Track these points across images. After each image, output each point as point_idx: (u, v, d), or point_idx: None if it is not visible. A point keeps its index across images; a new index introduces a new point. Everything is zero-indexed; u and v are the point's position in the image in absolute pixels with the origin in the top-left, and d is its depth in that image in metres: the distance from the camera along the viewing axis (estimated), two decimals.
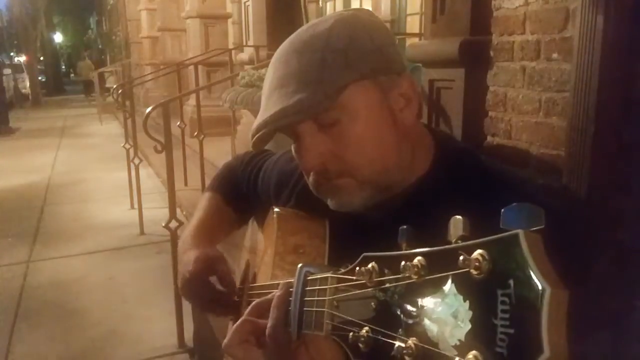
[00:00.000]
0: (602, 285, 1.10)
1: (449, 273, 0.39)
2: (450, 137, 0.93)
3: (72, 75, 33.34)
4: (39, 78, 21.62)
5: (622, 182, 1.12)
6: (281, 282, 0.67)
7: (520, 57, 1.39)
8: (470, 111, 1.61)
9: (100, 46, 33.14)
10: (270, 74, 0.75)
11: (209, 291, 0.95)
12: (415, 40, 3.73)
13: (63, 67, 37.64)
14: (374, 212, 0.76)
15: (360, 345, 0.49)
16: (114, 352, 2.58)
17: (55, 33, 35.14)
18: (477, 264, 0.36)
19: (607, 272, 1.12)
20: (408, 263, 0.43)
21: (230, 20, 8.26)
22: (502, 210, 0.37)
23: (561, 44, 1.25)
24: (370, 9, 5.65)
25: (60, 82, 28.59)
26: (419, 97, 0.77)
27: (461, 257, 0.38)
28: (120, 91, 5.07)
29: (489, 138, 1.53)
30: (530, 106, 1.36)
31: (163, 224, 2.51)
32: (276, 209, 0.88)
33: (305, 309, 0.61)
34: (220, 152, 4.75)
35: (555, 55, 1.27)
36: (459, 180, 0.74)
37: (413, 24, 5.30)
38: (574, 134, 1.15)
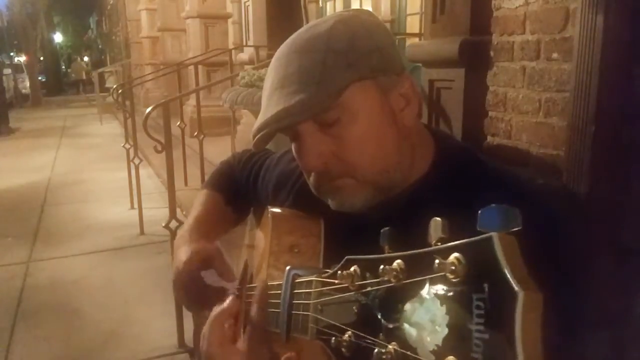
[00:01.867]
0: (602, 285, 1.10)
1: (426, 277, 0.39)
2: (450, 136, 0.93)
3: (72, 75, 33.62)
4: (39, 78, 21.68)
5: (622, 182, 1.12)
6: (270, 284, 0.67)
7: (520, 57, 1.39)
8: (470, 111, 1.61)
9: (100, 46, 33.16)
10: (270, 75, 0.75)
11: (198, 286, 0.94)
12: (415, 40, 3.74)
13: (63, 67, 37.65)
14: (374, 212, 0.76)
15: (343, 349, 0.48)
16: (113, 353, 2.57)
17: (55, 33, 35.13)
18: (452, 267, 0.36)
19: (606, 271, 1.12)
20: (387, 267, 0.43)
21: (230, 20, 8.27)
22: (479, 211, 0.36)
23: (561, 44, 1.25)
24: (370, 9, 5.66)
25: (60, 81, 28.67)
26: (419, 97, 0.77)
27: (437, 261, 0.37)
28: (120, 91, 5.07)
29: (489, 138, 1.53)
30: (530, 106, 1.36)
31: (163, 224, 2.51)
32: (271, 209, 0.88)
33: (293, 312, 0.60)
34: (220, 152, 4.74)
35: (555, 55, 1.27)
36: (459, 180, 0.74)
37: (413, 24, 5.30)
38: (574, 134, 1.16)
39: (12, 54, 26.53)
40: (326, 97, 0.68)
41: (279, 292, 0.64)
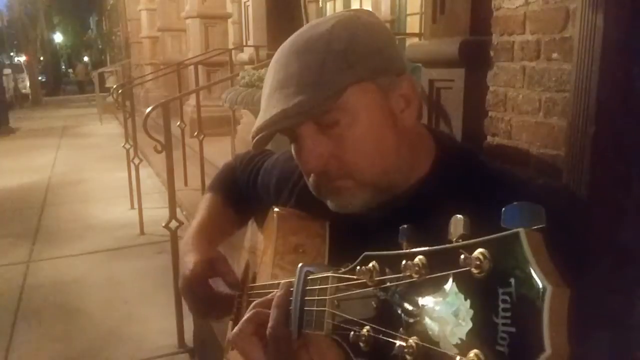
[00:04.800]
0: (603, 285, 1.10)
1: (450, 272, 0.39)
2: (450, 137, 0.93)
3: (71, 75, 33.89)
4: (39, 78, 21.71)
5: (622, 182, 1.12)
6: (282, 281, 0.67)
7: (520, 57, 1.39)
8: (470, 111, 1.61)
9: (100, 46, 33.19)
10: (270, 75, 0.75)
11: (208, 293, 0.95)
12: (415, 40, 3.73)
13: (63, 67, 37.69)
14: (375, 212, 0.76)
15: (361, 344, 0.48)
16: (114, 352, 2.58)
17: (55, 33, 35.17)
18: (477, 262, 0.36)
19: (607, 272, 1.12)
20: (409, 262, 0.43)
21: (230, 20, 8.27)
22: (503, 209, 0.37)
23: (561, 44, 1.25)
24: (370, 9, 5.66)
25: (61, 81, 28.89)
26: (420, 98, 0.77)
27: (462, 256, 0.38)
28: (120, 91, 5.07)
29: (489, 138, 1.54)
30: (530, 106, 1.36)
31: (163, 224, 2.51)
32: (276, 209, 0.88)
33: (305, 308, 0.61)
34: (220, 152, 4.75)
35: (555, 55, 1.27)
36: (460, 180, 0.74)
37: (413, 24, 5.31)
38: (574, 134, 1.15)
39: (12, 54, 26.56)
40: (324, 99, 0.68)
41: (291, 289, 0.64)
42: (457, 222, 0.41)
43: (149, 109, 2.74)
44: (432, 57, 1.77)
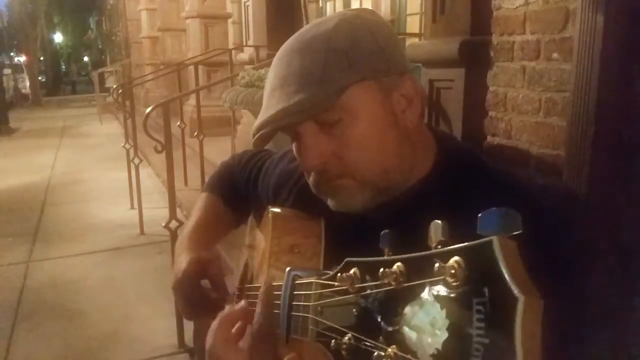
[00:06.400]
0: (603, 285, 1.10)
1: (426, 280, 0.39)
2: (452, 137, 0.93)
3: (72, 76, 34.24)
4: (39, 78, 21.73)
5: (622, 182, 1.12)
6: (261, 285, 0.67)
7: (520, 57, 1.39)
8: (470, 111, 1.61)
9: (100, 46, 33.23)
10: (272, 74, 0.75)
11: (198, 294, 0.94)
12: (415, 40, 3.73)
13: (63, 67, 37.77)
14: (375, 212, 0.76)
15: (343, 352, 0.48)
16: (113, 352, 2.57)
17: (55, 33, 35.19)
18: (452, 271, 0.36)
19: (607, 271, 1.12)
20: (387, 269, 0.42)
21: (230, 20, 8.27)
22: (479, 215, 0.36)
23: (561, 44, 1.25)
24: (370, 8, 5.66)
25: (61, 82, 28.90)
26: (422, 98, 0.77)
27: (437, 265, 0.37)
28: (120, 91, 5.07)
29: (489, 138, 1.54)
30: (530, 106, 1.36)
31: (163, 224, 2.51)
32: (272, 209, 0.88)
33: (292, 313, 0.60)
34: (220, 152, 4.75)
35: (555, 55, 1.27)
36: (461, 181, 0.74)
37: (413, 24, 5.30)
38: (574, 134, 1.16)
39: (12, 54, 26.59)
40: (326, 98, 0.68)
41: (279, 293, 0.63)
42: (436, 227, 0.40)
43: (149, 109, 2.74)
44: (432, 57, 1.77)
